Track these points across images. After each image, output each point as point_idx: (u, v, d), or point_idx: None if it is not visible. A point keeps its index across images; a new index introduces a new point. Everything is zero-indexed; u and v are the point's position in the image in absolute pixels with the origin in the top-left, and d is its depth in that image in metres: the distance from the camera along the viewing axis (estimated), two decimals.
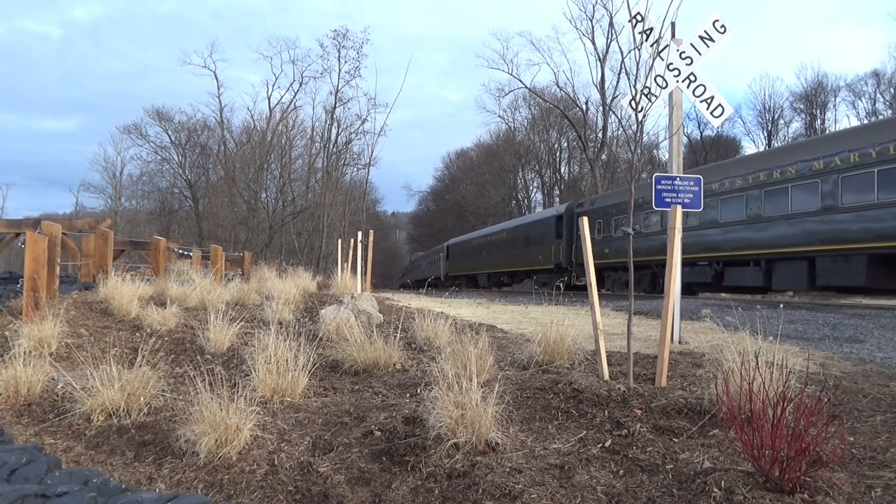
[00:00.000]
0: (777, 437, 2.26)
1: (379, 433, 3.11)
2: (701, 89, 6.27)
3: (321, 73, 40.63)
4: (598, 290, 20.29)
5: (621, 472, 2.63)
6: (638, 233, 16.94)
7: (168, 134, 46.00)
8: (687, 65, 6.22)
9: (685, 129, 30.51)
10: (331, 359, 5.01)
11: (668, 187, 6.18)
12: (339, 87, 38.93)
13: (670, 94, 6.28)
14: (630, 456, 2.76)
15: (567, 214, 24.67)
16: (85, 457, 3.01)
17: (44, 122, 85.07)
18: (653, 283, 18.69)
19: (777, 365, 3.26)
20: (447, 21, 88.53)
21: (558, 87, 42.80)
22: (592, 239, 23.02)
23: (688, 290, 17.96)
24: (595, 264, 19.74)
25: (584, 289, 21.61)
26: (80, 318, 6.37)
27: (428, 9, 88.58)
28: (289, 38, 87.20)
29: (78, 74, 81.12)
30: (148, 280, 9.25)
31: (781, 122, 45.33)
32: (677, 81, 6.24)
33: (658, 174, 6.33)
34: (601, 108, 41.27)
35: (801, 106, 44.21)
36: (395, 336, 5.17)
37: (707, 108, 6.31)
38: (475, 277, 35.61)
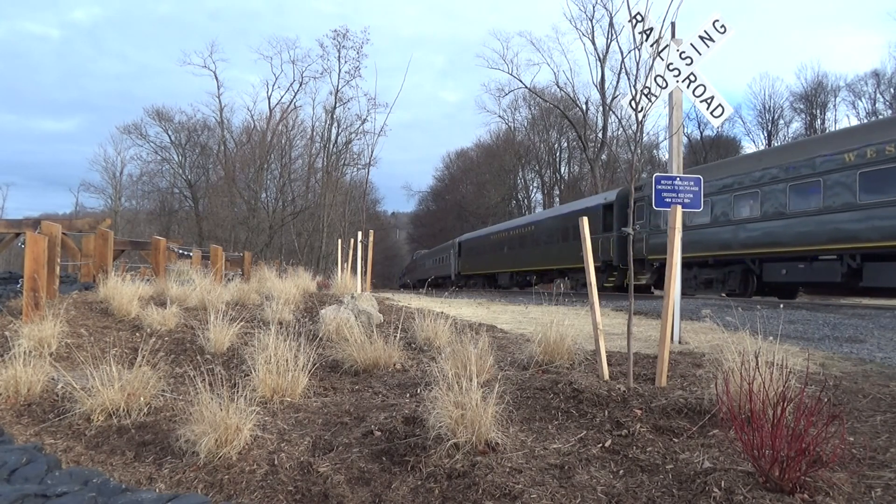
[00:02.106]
0: (777, 437, 2.26)
1: (379, 433, 3.11)
2: (701, 89, 6.27)
3: (321, 73, 40.73)
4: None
5: (621, 472, 2.63)
6: (726, 220, 15.05)
7: (168, 134, 46.08)
8: (687, 65, 6.22)
9: (685, 129, 30.30)
10: (331, 359, 5.01)
11: (668, 187, 6.17)
12: (339, 87, 39.01)
13: (670, 94, 6.28)
14: (630, 456, 2.76)
15: (619, 202, 20.36)
16: (85, 457, 3.02)
17: (44, 123, 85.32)
18: (744, 280, 15.38)
19: (777, 365, 3.26)
20: (444, 23, 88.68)
21: (558, 87, 42.89)
22: (656, 227, 17.85)
23: (788, 293, 15.28)
24: (661, 260, 16.08)
25: (644, 291, 18.38)
26: (80, 318, 6.37)
27: (425, 10, 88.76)
28: (289, 39, 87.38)
29: (77, 75, 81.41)
30: (148, 280, 9.24)
31: (781, 122, 45.42)
32: (677, 81, 6.24)
33: (658, 174, 6.33)
34: (601, 108, 41.31)
35: (801, 106, 44.28)
36: (395, 336, 5.17)
37: (707, 108, 6.30)
38: (494, 277, 32.37)
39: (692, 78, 6.25)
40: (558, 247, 24.63)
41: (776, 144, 38.57)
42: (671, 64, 6.18)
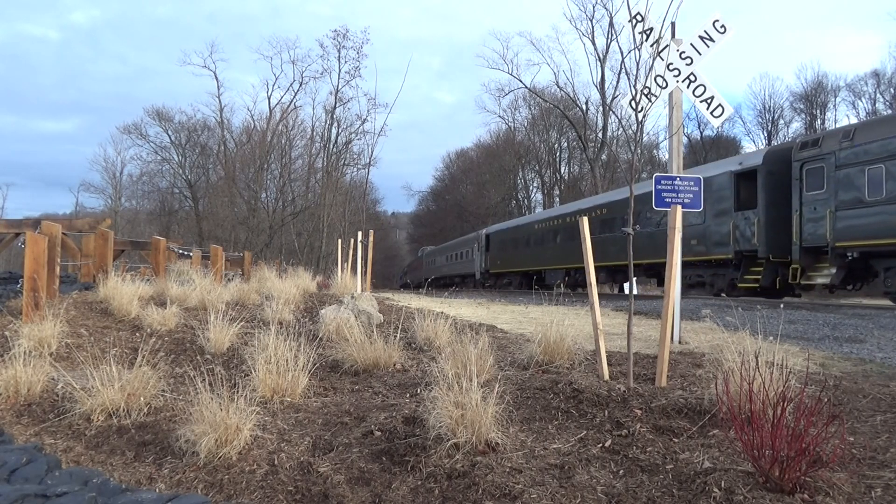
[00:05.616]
0: (777, 438, 2.26)
1: (379, 433, 3.11)
2: (701, 89, 6.27)
3: (321, 74, 40.68)
4: (852, 288, 13.04)
5: (621, 472, 2.63)
6: None
7: (168, 134, 46.02)
8: (687, 65, 6.22)
9: (685, 129, 30.09)
10: (331, 359, 5.01)
11: (668, 187, 6.17)
12: (339, 87, 39.01)
13: (670, 94, 6.28)
14: (630, 456, 2.76)
15: (769, 168, 13.98)
16: (85, 457, 3.02)
17: (43, 124, 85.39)
18: None
19: (777, 365, 3.26)
20: (440, 25, 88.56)
21: (558, 87, 42.85)
22: (855, 200, 12.49)
23: None
24: (861, 248, 11.60)
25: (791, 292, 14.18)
26: (80, 318, 6.37)
27: (421, 12, 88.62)
28: (288, 39, 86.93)
29: (77, 76, 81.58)
30: (148, 280, 9.24)
31: (781, 122, 45.33)
32: (677, 81, 6.24)
33: (658, 174, 6.33)
34: (601, 108, 41.30)
35: (801, 106, 44.18)
36: (395, 336, 5.17)
37: (707, 108, 6.31)
38: (540, 274, 25.88)
39: (692, 78, 6.25)
40: (654, 235, 16.64)
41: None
42: (671, 64, 6.18)
